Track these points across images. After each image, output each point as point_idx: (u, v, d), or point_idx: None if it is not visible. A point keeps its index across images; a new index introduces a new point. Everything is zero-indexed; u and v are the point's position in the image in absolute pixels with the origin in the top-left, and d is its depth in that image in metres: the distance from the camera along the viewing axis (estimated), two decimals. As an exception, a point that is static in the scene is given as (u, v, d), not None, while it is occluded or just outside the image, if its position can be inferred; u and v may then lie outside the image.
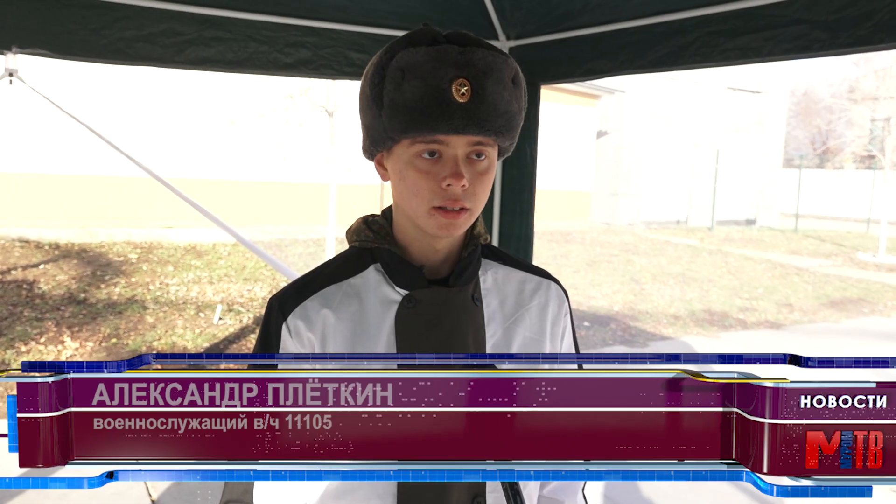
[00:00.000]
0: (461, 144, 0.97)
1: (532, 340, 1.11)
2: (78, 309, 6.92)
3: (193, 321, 6.95)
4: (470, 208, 0.99)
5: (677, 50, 1.98)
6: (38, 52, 2.01)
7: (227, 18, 2.25)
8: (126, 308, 7.09)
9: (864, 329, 8.86)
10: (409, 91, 0.94)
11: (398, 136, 0.97)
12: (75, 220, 11.14)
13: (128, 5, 2.09)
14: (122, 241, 9.95)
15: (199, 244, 10.20)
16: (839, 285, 11.67)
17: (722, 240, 16.70)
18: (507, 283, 1.13)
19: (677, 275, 11.63)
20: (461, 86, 0.93)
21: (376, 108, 0.98)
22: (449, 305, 1.05)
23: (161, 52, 2.17)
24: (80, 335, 6.26)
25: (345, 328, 1.04)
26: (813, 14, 1.63)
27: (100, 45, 2.08)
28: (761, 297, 10.45)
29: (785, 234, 18.95)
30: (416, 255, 1.06)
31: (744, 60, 1.82)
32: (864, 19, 1.52)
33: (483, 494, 1.06)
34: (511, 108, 0.97)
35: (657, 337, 7.89)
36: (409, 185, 0.99)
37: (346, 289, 1.06)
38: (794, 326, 8.86)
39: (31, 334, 6.15)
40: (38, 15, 1.99)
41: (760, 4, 1.73)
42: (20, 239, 9.47)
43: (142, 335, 6.44)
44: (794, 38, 1.67)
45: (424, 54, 0.94)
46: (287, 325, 1.04)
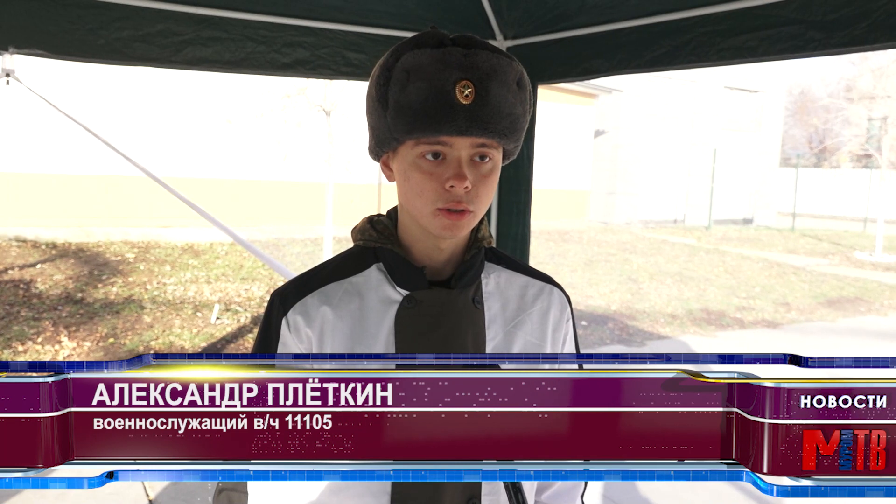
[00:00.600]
0: (465, 146, 0.97)
1: (533, 345, 1.11)
2: (75, 309, 6.91)
3: (191, 321, 6.94)
4: (473, 210, 1.00)
5: (673, 50, 1.98)
6: (35, 53, 2.00)
7: (224, 18, 2.24)
8: (123, 308, 7.08)
9: (860, 328, 8.88)
10: (414, 93, 0.94)
11: (403, 137, 0.98)
12: (72, 220, 11.12)
13: (124, 5, 2.08)
14: (119, 241, 9.93)
15: (196, 244, 10.19)
16: (836, 284, 11.69)
17: (719, 239, 16.72)
18: (510, 286, 1.13)
19: (674, 274, 11.64)
20: (465, 88, 0.94)
21: (382, 109, 0.98)
22: (449, 307, 1.05)
23: (158, 52, 2.17)
24: (78, 335, 6.25)
25: (344, 326, 1.04)
26: (808, 14, 1.63)
27: (97, 46, 2.08)
28: (758, 296, 10.47)
29: (782, 233, 18.98)
30: (420, 255, 1.07)
31: (739, 60, 1.83)
32: (859, 19, 1.52)
33: (478, 496, 1.06)
34: (515, 111, 0.98)
35: (654, 336, 7.90)
36: (413, 185, 1.00)
37: (348, 287, 1.07)
38: (791, 325, 8.87)
39: (29, 334, 6.14)
40: (34, 15, 1.99)
41: (756, 5, 1.74)
42: (17, 238, 9.45)
43: (139, 335, 6.43)
44: (790, 37, 1.68)
45: (429, 56, 0.95)
46: (287, 319, 1.04)
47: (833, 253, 15.50)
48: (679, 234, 17.03)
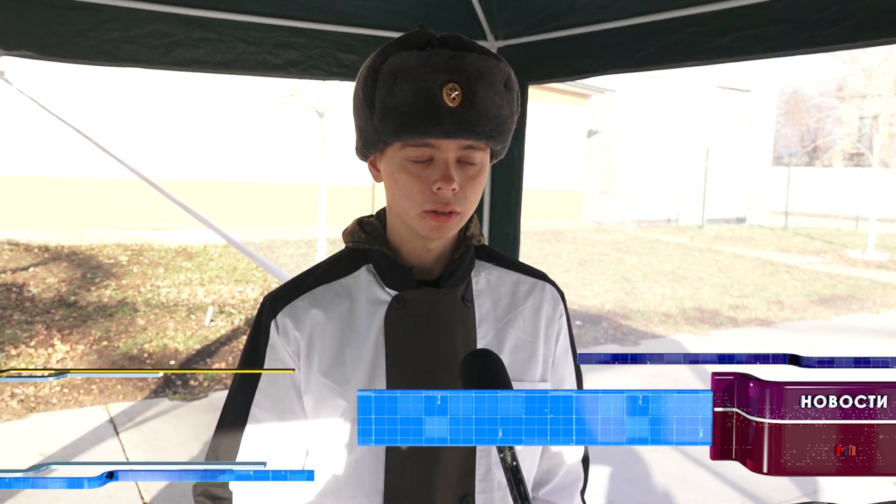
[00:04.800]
0: (452, 148, 0.97)
1: (525, 342, 1.11)
2: (68, 312, 6.89)
3: (185, 323, 6.93)
4: (460, 212, 1.00)
5: (661, 49, 2.00)
6: (24, 54, 2.00)
7: (214, 19, 2.24)
8: (117, 310, 7.06)
9: (853, 326, 8.92)
10: (401, 95, 0.94)
11: (390, 138, 0.97)
12: (65, 223, 11.09)
13: (114, 7, 2.08)
14: (112, 244, 9.90)
15: (189, 246, 10.17)
16: (829, 282, 11.74)
17: (712, 238, 16.77)
18: (501, 284, 1.13)
19: (668, 273, 11.67)
20: (452, 90, 0.93)
21: (368, 110, 0.98)
22: (438, 306, 1.05)
23: (148, 53, 2.16)
24: (71, 338, 6.23)
25: (333, 328, 1.04)
26: (794, 14, 1.65)
27: (86, 47, 2.08)
28: (751, 294, 10.50)
29: (775, 231, 19.05)
30: (409, 255, 1.07)
31: (726, 59, 1.85)
32: (843, 19, 1.54)
33: (472, 494, 1.05)
34: (502, 112, 0.98)
35: (648, 335, 7.92)
36: (400, 187, 1.00)
37: (338, 289, 1.07)
38: (784, 324, 8.91)
39: (21, 338, 6.12)
40: (23, 17, 1.99)
41: (742, 5, 1.76)
42: (9, 242, 9.41)
43: (133, 337, 6.42)
44: (775, 36, 1.70)
45: (416, 58, 0.94)
46: (276, 322, 1.05)
47: (825, 251, 15.56)
48: (672, 234, 17.07)
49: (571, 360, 1.20)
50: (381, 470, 1.02)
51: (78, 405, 5.01)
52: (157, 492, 3.79)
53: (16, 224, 10.56)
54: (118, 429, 4.65)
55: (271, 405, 1.05)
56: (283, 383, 1.05)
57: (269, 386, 1.05)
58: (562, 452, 1.19)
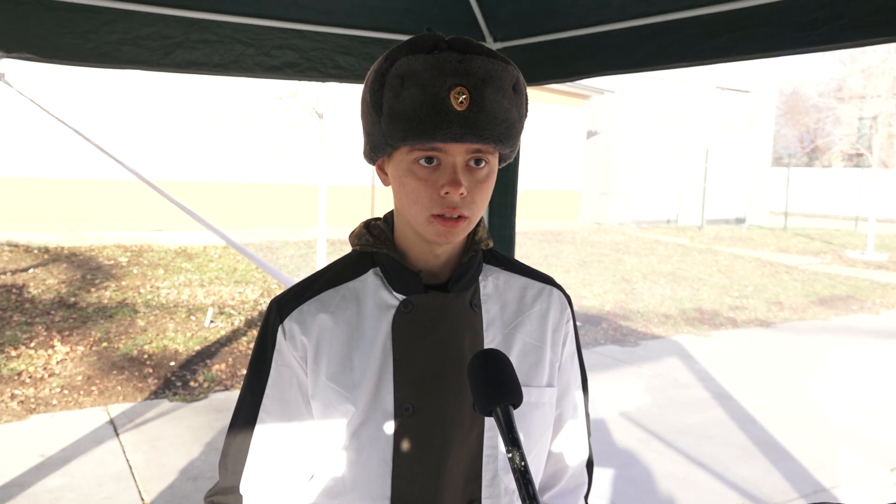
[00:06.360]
0: (460, 152, 0.96)
1: (532, 346, 1.10)
2: (68, 313, 6.90)
3: (185, 324, 6.93)
4: (468, 216, 0.99)
5: (658, 50, 2.01)
6: (24, 56, 2.01)
7: (213, 21, 2.25)
8: (117, 312, 7.07)
9: (853, 326, 8.93)
10: (408, 99, 0.93)
11: (397, 142, 0.97)
12: (65, 224, 11.10)
13: (114, 9, 2.09)
14: (112, 245, 9.92)
15: (189, 247, 10.18)
16: (828, 283, 11.76)
17: (712, 238, 16.79)
18: (509, 288, 1.12)
19: (668, 274, 11.68)
20: (459, 94, 0.92)
21: (376, 114, 0.97)
22: (445, 311, 1.04)
23: (148, 55, 2.17)
24: (71, 339, 6.24)
25: (341, 332, 1.04)
26: (788, 15, 1.67)
27: (86, 49, 2.08)
28: (751, 295, 10.51)
29: (774, 232, 19.07)
30: (416, 259, 1.06)
31: (722, 59, 1.86)
32: (836, 19, 1.56)
33: (479, 499, 1.05)
34: (511, 116, 0.97)
35: (648, 336, 7.93)
36: (408, 192, 0.99)
37: (345, 293, 1.07)
38: (783, 324, 8.92)
39: (21, 339, 6.12)
40: (23, 19, 1.99)
41: (738, 8, 1.77)
42: (9, 243, 9.43)
43: (133, 339, 6.43)
44: (769, 36, 1.72)
45: (423, 62, 0.94)
46: (283, 327, 1.04)
47: (825, 252, 15.58)
48: (672, 234, 17.09)
49: (578, 364, 1.20)
50: (389, 475, 1.02)
51: (78, 406, 5.02)
52: (158, 492, 3.80)
53: (16, 225, 10.58)
54: (118, 430, 4.65)
55: (279, 410, 1.05)
56: (290, 388, 1.05)
57: (276, 391, 1.05)
58: (567, 457, 1.19)
